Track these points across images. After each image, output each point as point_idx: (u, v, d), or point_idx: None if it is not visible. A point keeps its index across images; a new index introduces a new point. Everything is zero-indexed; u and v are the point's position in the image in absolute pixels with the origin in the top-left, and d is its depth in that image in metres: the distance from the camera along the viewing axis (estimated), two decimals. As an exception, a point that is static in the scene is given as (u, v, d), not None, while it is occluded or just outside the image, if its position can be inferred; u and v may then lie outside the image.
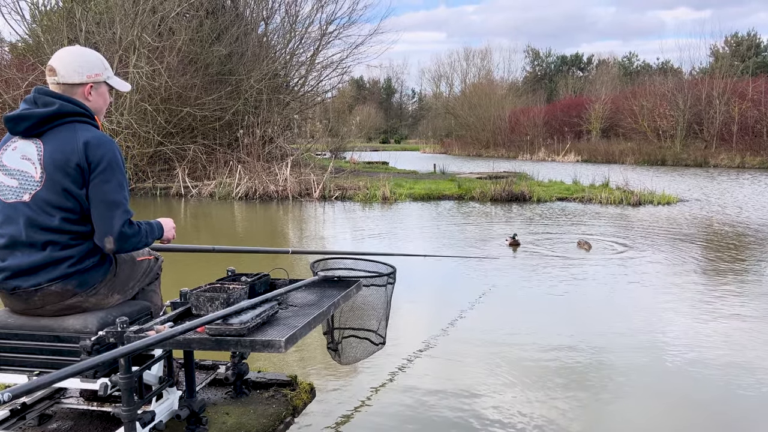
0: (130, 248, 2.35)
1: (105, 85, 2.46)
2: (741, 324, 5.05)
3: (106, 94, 2.48)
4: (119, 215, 2.26)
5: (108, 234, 2.26)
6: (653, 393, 3.68)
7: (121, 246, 2.30)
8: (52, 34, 17.15)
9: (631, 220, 11.51)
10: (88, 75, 2.38)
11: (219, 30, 18.65)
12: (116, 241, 2.27)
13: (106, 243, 2.28)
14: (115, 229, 2.26)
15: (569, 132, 42.31)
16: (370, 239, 9.45)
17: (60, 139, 2.26)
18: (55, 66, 2.35)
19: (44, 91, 2.33)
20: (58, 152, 2.24)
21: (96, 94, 2.42)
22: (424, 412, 3.40)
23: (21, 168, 2.27)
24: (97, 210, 2.26)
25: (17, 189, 2.27)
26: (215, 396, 3.05)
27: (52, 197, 2.24)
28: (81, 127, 2.30)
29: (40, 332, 2.30)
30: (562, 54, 70.86)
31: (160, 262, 2.78)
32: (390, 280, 3.21)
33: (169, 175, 17.46)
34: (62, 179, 2.23)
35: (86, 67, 2.38)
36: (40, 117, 2.26)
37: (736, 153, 31.29)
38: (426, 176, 21.07)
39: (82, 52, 2.43)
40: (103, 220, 2.26)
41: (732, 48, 44.56)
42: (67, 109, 2.29)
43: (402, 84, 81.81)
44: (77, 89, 2.37)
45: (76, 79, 2.36)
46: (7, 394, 1.48)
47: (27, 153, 2.28)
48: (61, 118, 2.29)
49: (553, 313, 5.44)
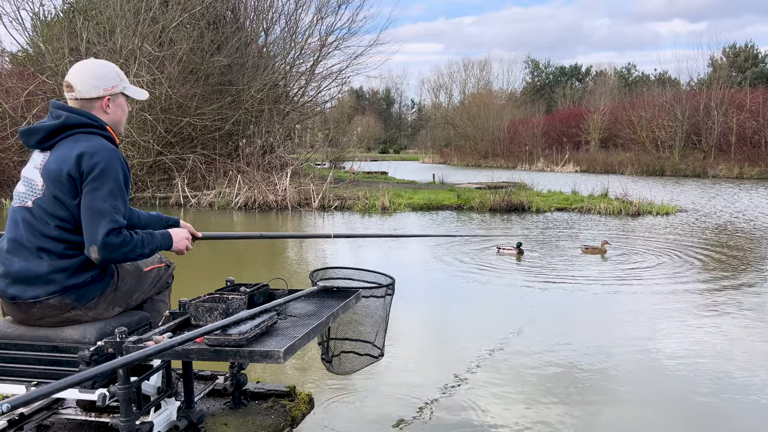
0: (119, 258, 2.28)
1: (122, 96, 2.45)
2: (737, 332, 5.05)
3: (124, 105, 2.48)
4: (104, 224, 2.19)
5: (92, 243, 2.20)
6: (651, 400, 3.67)
7: (106, 256, 2.22)
8: (53, 44, 17.23)
9: (631, 230, 11.52)
10: (105, 88, 2.38)
11: (219, 41, 18.72)
12: (100, 250, 2.20)
13: (91, 253, 2.21)
14: (99, 238, 2.19)
15: (568, 142, 42.41)
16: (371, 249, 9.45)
17: (61, 151, 2.28)
18: (72, 82, 2.36)
19: (57, 105, 2.35)
20: (54, 163, 2.26)
21: (114, 106, 2.42)
22: (423, 421, 3.39)
23: (30, 177, 2.33)
24: (84, 219, 2.23)
25: (24, 195, 2.32)
26: (214, 407, 3.04)
27: (49, 206, 2.26)
28: (83, 138, 2.29)
29: (38, 342, 2.29)
30: (561, 65, 71.26)
31: (171, 270, 2.73)
32: (389, 292, 3.20)
33: (169, 185, 17.47)
34: (56, 189, 2.25)
35: (102, 80, 2.38)
36: (47, 130, 2.29)
37: (734, 164, 31.39)
38: (425, 186, 21.09)
39: (97, 66, 2.43)
40: (88, 229, 2.21)
41: (730, 59, 44.74)
42: (72, 120, 2.30)
43: (401, 94, 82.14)
44: (95, 103, 2.38)
45: (93, 94, 2.36)
46: (5, 404, 1.47)
47: (37, 163, 2.33)
48: (67, 130, 2.30)
49: (552, 320, 5.43)
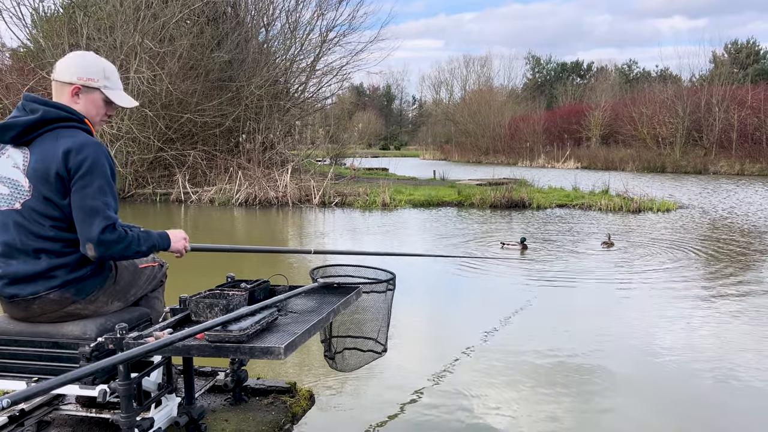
0: (115, 255, 2.27)
1: (99, 93, 2.38)
2: (737, 329, 5.05)
3: (98, 102, 2.39)
4: (98, 222, 2.18)
5: (88, 241, 2.19)
6: (650, 397, 3.67)
7: (102, 253, 2.21)
8: (53, 40, 17.19)
9: (632, 227, 11.51)
10: (79, 77, 2.33)
11: (220, 36, 18.69)
12: (96, 247, 2.19)
13: (87, 250, 2.21)
14: (94, 235, 2.18)
15: (569, 139, 42.35)
16: (373, 243, 9.45)
17: (43, 149, 2.23)
18: (57, 64, 2.38)
19: (31, 98, 2.30)
20: (39, 162, 2.21)
21: (84, 99, 2.35)
22: (423, 418, 3.39)
23: (12, 177, 2.25)
24: (77, 217, 2.21)
25: (9, 197, 2.25)
26: (214, 403, 3.04)
27: (40, 207, 2.22)
28: (65, 134, 2.25)
29: (39, 338, 2.29)
30: (562, 61, 71.07)
31: (164, 269, 2.74)
32: (390, 287, 3.20)
33: (169, 181, 17.46)
34: (45, 189, 2.21)
35: (80, 69, 2.34)
36: (24, 125, 2.23)
37: (735, 160, 31.36)
38: (426, 183, 21.08)
39: (85, 56, 2.40)
40: (82, 227, 2.20)
41: (732, 55, 44.63)
42: (51, 115, 2.25)
43: (402, 90, 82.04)
44: (65, 89, 2.33)
45: (65, 78, 2.33)
46: (5, 400, 1.47)
47: (17, 162, 2.26)
48: (46, 125, 2.25)
49: (553, 315, 5.42)
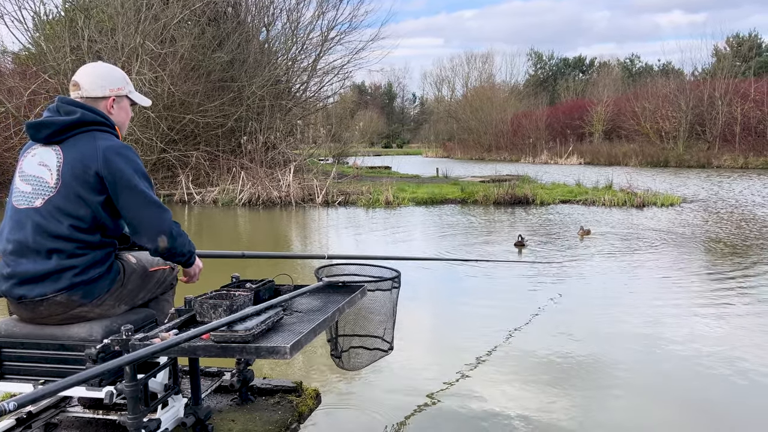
0: (178, 248, 2.37)
1: (126, 99, 2.50)
2: (741, 323, 5.03)
3: (127, 108, 2.51)
4: (168, 214, 2.31)
5: (160, 233, 2.29)
6: (655, 392, 3.66)
7: (173, 243, 2.32)
8: (55, 43, 17.22)
9: (636, 222, 11.48)
10: (111, 89, 2.42)
11: (221, 37, 18.70)
12: (169, 238, 2.31)
13: (159, 242, 2.29)
14: (167, 226, 2.30)
15: (572, 134, 42.26)
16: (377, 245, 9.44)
17: (80, 147, 2.27)
18: (79, 81, 2.39)
19: (67, 101, 2.36)
20: (77, 160, 2.24)
21: (118, 108, 2.45)
22: (431, 416, 3.39)
23: (37, 174, 2.28)
24: (144, 212, 2.28)
25: (30, 195, 2.27)
26: (221, 403, 3.04)
27: (65, 204, 2.24)
28: (101, 136, 2.31)
29: (45, 341, 2.29)
30: (564, 57, 70.92)
31: (175, 273, 2.75)
32: (395, 285, 3.19)
33: (173, 182, 17.49)
34: (79, 187, 2.23)
35: (109, 81, 2.43)
36: (61, 125, 2.28)
37: (739, 154, 31.22)
38: (429, 180, 21.07)
39: (105, 68, 2.48)
40: (152, 220, 2.28)
41: (734, 49, 44.42)
42: (88, 118, 2.31)
43: (404, 88, 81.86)
44: (100, 103, 2.40)
45: (98, 93, 2.40)
46: (12, 403, 1.47)
47: (45, 159, 2.29)
48: (82, 127, 2.30)
49: (557, 314, 5.42)
